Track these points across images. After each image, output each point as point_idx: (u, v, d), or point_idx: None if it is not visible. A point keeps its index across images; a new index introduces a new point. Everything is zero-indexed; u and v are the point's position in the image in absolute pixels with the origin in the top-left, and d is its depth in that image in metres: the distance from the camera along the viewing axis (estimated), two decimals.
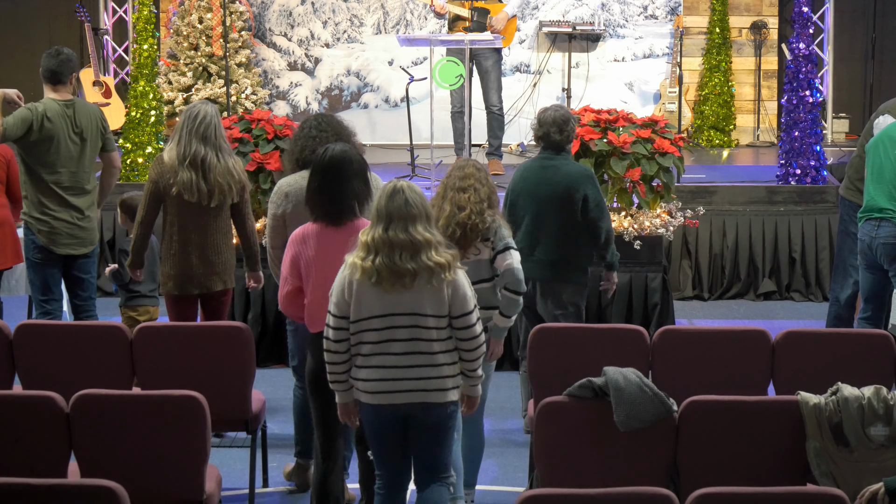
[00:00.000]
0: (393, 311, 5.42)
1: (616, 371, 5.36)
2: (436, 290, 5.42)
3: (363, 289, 5.41)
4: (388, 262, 5.37)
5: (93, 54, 12.65)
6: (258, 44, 13.37)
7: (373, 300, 5.42)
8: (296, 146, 6.53)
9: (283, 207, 6.43)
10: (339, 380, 5.51)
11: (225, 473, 6.06)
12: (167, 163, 7.02)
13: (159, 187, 7.03)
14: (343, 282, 5.46)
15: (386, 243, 5.38)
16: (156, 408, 5.38)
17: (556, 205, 7.36)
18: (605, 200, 7.49)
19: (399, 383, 5.44)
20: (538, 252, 7.40)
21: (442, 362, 5.45)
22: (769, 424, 5.28)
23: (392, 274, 5.38)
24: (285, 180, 6.51)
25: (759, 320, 9.75)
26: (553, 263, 7.39)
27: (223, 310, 7.32)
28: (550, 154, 7.43)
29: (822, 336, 6.47)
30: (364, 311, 5.43)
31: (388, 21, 13.42)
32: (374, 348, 5.44)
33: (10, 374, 6.35)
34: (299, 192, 6.25)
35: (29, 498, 4.48)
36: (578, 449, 5.35)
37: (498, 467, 7.20)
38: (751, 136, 13.28)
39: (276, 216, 6.45)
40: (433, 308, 5.42)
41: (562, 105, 7.65)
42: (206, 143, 6.99)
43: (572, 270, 7.44)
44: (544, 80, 13.29)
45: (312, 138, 6.44)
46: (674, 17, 13.15)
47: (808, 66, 10.42)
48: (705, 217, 9.93)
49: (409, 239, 5.39)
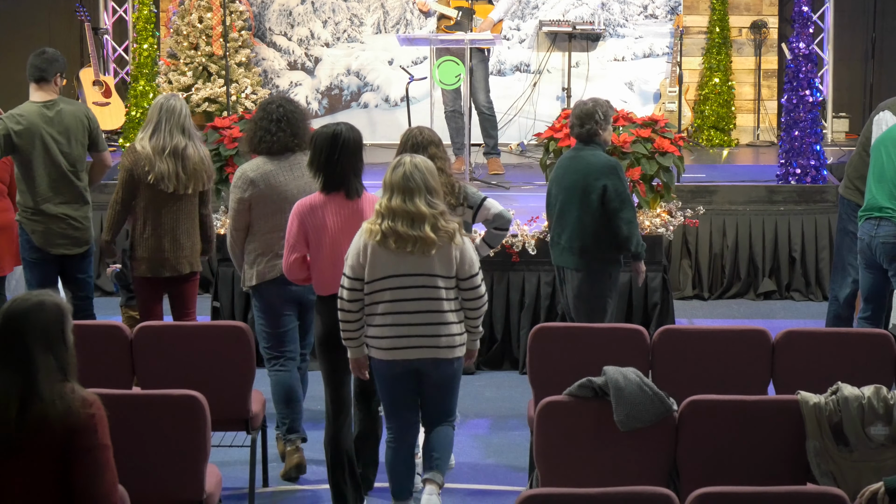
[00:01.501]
0: (406, 272, 5.91)
1: (616, 371, 5.37)
2: (445, 254, 5.92)
3: (377, 252, 5.90)
4: (392, 229, 5.87)
5: (93, 54, 12.65)
6: (258, 43, 13.37)
7: (387, 263, 5.90)
8: (254, 135, 6.94)
9: (249, 192, 6.85)
10: (353, 337, 5.99)
11: (225, 473, 6.06)
12: (141, 152, 7.29)
13: (133, 175, 7.32)
14: (359, 246, 5.94)
15: (391, 211, 5.88)
16: (156, 408, 5.38)
17: (577, 194, 7.48)
18: (628, 193, 7.49)
19: (412, 339, 5.94)
20: (563, 239, 7.58)
21: (451, 321, 5.97)
22: (769, 424, 5.28)
23: (398, 239, 5.87)
24: (249, 166, 6.92)
25: (759, 320, 9.75)
26: (574, 250, 7.51)
27: (192, 291, 7.58)
28: (580, 145, 7.61)
29: (822, 336, 6.47)
30: (378, 273, 5.91)
31: (388, 21, 13.42)
32: (388, 307, 5.92)
33: None
34: (265, 178, 6.84)
35: None
36: (578, 449, 5.35)
37: (498, 467, 7.20)
38: (751, 136, 13.28)
39: (243, 200, 6.87)
40: (443, 270, 5.93)
41: (596, 99, 7.66)
42: (184, 134, 7.31)
43: (591, 259, 7.50)
44: (544, 79, 13.29)
45: (270, 133, 6.89)
46: (674, 16, 13.15)
47: (808, 65, 10.42)
48: (705, 217, 9.93)
49: (407, 209, 5.87)
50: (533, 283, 9.04)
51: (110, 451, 4.16)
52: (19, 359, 4.09)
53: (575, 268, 7.53)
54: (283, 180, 6.90)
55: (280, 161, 6.92)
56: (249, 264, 6.95)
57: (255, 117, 6.99)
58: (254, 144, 6.96)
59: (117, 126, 12.53)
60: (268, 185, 6.85)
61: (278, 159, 6.92)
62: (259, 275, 6.91)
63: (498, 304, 9.02)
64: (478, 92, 11.43)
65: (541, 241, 8.90)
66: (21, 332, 4.11)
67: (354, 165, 6.29)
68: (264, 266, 6.90)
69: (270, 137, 6.89)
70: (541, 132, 9.86)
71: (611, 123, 7.63)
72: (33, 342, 4.11)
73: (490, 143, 11.63)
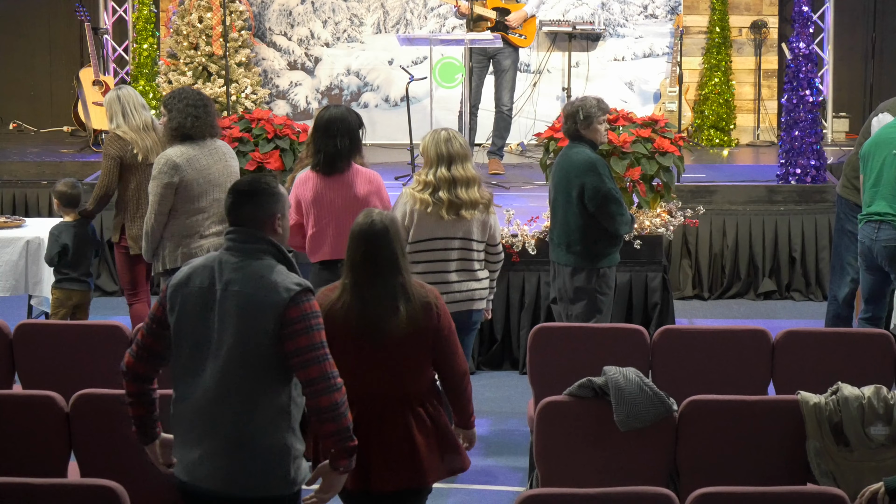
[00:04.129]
0: (450, 234, 6.71)
1: (616, 371, 5.37)
2: (481, 220, 6.78)
3: (423, 217, 6.66)
4: (443, 198, 6.65)
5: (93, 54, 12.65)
6: (258, 43, 13.37)
7: (432, 226, 6.68)
8: (185, 121, 7.29)
9: (177, 177, 7.21)
10: None
11: None
12: (125, 136, 7.96)
13: (124, 162, 7.96)
14: (404, 212, 6.67)
15: (441, 181, 6.63)
16: None
17: (563, 192, 7.54)
18: (610, 186, 7.40)
19: (452, 295, 6.66)
20: (555, 235, 7.67)
21: (481, 277, 6.84)
22: (769, 424, 5.28)
23: (450, 206, 6.66)
24: (172, 152, 7.26)
25: (759, 320, 9.75)
26: (563, 247, 7.56)
27: None
28: (571, 143, 7.65)
29: (822, 336, 6.47)
30: (424, 235, 6.68)
31: (388, 20, 13.42)
32: (429, 266, 6.67)
33: (10, 373, 6.35)
34: (190, 162, 7.22)
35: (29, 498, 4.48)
36: (578, 449, 5.34)
37: (498, 467, 7.20)
38: (751, 136, 13.27)
39: (171, 185, 7.21)
40: (479, 235, 6.79)
41: (585, 98, 7.66)
42: (146, 109, 8.13)
43: (578, 256, 7.49)
44: (544, 79, 13.28)
45: (198, 118, 7.29)
46: (674, 16, 13.15)
47: (808, 65, 10.42)
48: (705, 217, 9.93)
49: (456, 176, 6.66)
50: (533, 283, 9.04)
51: (455, 334, 5.07)
52: (396, 266, 4.96)
53: (564, 263, 7.56)
54: (205, 164, 7.28)
55: (202, 146, 7.30)
56: (173, 246, 7.26)
57: (177, 105, 7.33)
58: (185, 129, 7.29)
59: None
60: (193, 169, 7.23)
61: (200, 144, 7.30)
62: (184, 256, 7.18)
63: (498, 304, 9.01)
64: (503, 91, 11.45)
65: (541, 241, 8.90)
66: (392, 241, 4.98)
67: (348, 144, 6.80)
68: (189, 248, 7.24)
69: (199, 123, 7.29)
70: (541, 132, 9.85)
71: (597, 122, 7.48)
72: (399, 250, 5.00)
73: (498, 144, 11.64)
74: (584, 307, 7.48)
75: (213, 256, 4.57)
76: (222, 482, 4.46)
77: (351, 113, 6.91)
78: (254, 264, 4.49)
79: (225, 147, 7.46)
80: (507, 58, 11.37)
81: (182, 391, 4.54)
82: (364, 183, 6.88)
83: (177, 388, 4.57)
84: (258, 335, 4.42)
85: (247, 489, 4.46)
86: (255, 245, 4.52)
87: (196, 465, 4.50)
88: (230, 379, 4.44)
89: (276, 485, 4.47)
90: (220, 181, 7.25)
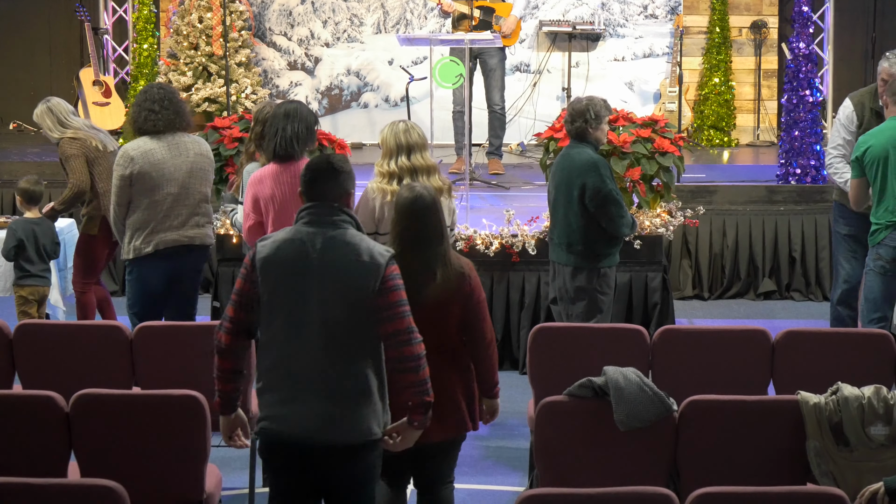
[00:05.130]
0: None
1: (616, 371, 5.36)
2: (446, 205, 6.62)
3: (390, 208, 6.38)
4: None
5: (93, 54, 12.66)
6: (258, 43, 13.38)
7: None
8: (139, 116, 7.44)
9: (130, 169, 7.31)
10: None
11: (225, 473, 6.06)
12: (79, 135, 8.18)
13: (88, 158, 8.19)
14: (372, 207, 6.76)
15: (401, 170, 6.70)
16: (156, 408, 5.38)
17: (564, 192, 7.55)
18: (611, 187, 7.43)
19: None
20: (555, 235, 7.67)
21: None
22: (769, 424, 5.28)
23: None
24: (130, 145, 7.38)
25: (759, 320, 9.75)
26: (563, 247, 7.57)
27: None
28: (572, 143, 7.64)
29: (822, 336, 6.47)
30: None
31: (388, 20, 13.42)
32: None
33: (10, 374, 6.35)
34: (145, 156, 7.32)
35: (29, 498, 4.48)
36: (578, 449, 5.34)
37: (498, 467, 7.21)
38: (751, 136, 13.28)
39: (124, 177, 7.32)
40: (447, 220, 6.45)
41: (592, 97, 7.66)
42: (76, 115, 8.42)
43: (579, 255, 7.51)
44: (544, 79, 13.29)
45: (154, 112, 7.39)
46: (674, 16, 13.15)
47: (808, 65, 10.42)
48: (705, 217, 9.93)
49: (415, 165, 6.72)
50: (533, 283, 9.03)
51: (485, 304, 5.48)
52: (439, 233, 5.37)
53: (564, 263, 7.57)
54: (161, 158, 7.36)
55: (161, 140, 7.39)
56: (128, 238, 7.42)
57: (138, 100, 7.46)
58: (139, 124, 7.42)
59: (117, 126, 12.53)
60: (147, 163, 7.32)
61: (161, 138, 7.39)
62: (135, 249, 7.38)
63: (498, 304, 9.02)
64: (494, 91, 11.45)
65: (541, 241, 8.90)
66: (436, 211, 5.36)
67: (290, 132, 6.87)
68: (140, 241, 7.38)
69: (155, 117, 7.38)
70: (541, 132, 9.85)
71: (604, 123, 7.55)
72: (442, 220, 5.40)
73: (495, 144, 11.64)
74: (584, 307, 7.49)
75: (294, 230, 4.90)
76: (321, 431, 4.79)
77: (309, 109, 7.05)
78: (341, 234, 4.85)
79: (192, 143, 7.47)
80: (493, 57, 11.36)
81: (278, 355, 4.83)
82: None
83: (270, 355, 4.86)
84: (360, 297, 4.80)
85: (342, 436, 4.79)
86: (337, 217, 4.88)
87: (300, 418, 4.80)
88: (332, 338, 4.80)
89: (367, 432, 4.83)
90: (175, 176, 7.35)
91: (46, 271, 8.23)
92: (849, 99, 8.12)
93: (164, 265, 7.40)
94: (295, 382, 4.81)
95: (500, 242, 8.95)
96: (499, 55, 11.43)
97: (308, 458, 4.83)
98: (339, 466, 4.83)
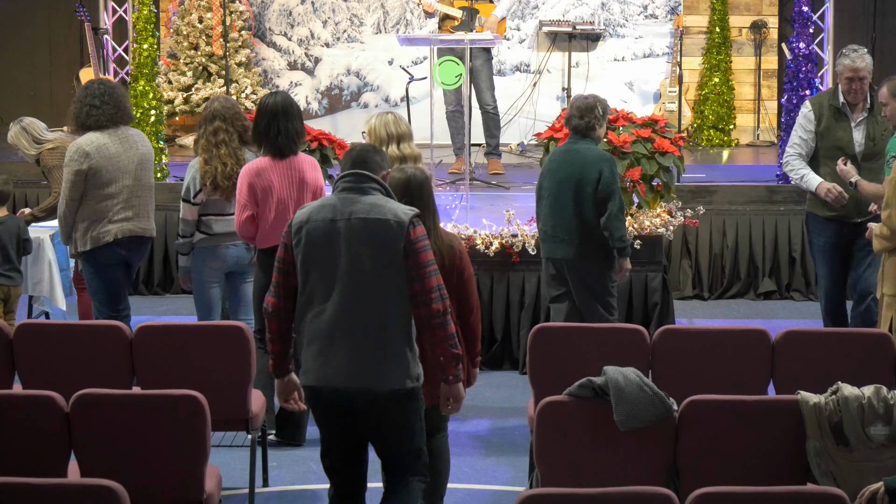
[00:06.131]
0: None
1: (616, 371, 5.36)
2: None
3: None
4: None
5: (93, 54, 12.65)
6: (258, 43, 13.38)
7: None
8: (81, 112, 7.58)
9: (86, 164, 7.46)
10: None
11: (225, 473, 6.06)
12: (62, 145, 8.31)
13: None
14: None
15: (399, 158, 6.86)
16: (156, 408, 5.38)
17: (572, 188, 7.60)
18: (618, 186, 7.58)
19: None
20: (559, 231, 7.69)
21: None
22: (769, 424, 5.28)
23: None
24: (83, 140, 7.51)
25: (759, 320, 9.75)
26: (574, 242, 7.64)
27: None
28: (575, 139, 7.71)
29: (822, 336, 6.47)
30: None
31: (388, 21, 13.42)
32: None
33: (10, 374, 6.35)
34: (99, 150, 7.46)
35: (29, 498, 4.48)
36: (578, 449, 5.34)
37: (498, 467, 7.20)
38: (751, 136, 13.28)
39: (80, 172, 7.47)
40: None
41: (596, 95, 7.84)
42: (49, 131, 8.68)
43: (592, 248, 7.62)
44: (544, 79, 13.29)
45: (95, 107, 7.53)
46: (674, 16, 13.15)
47: (808, 65, 10.42)
48: (705, 217, 9.93)
49: (403, 153, 6.91)
50: (533, 283, 9.03)
51: (473, 278, 5.86)
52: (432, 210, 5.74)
53: (576, 258, 7.63)
54: (115, 152, 7.54)
55: (110, 134, 7.55)
56: (84, 231, 7.55)
57: (79, 96, 7.63)
58: (81, 120, 7.57)
59: None
60: (102, 157, 7.49)
61: (108, 133, 7.55)
62: (93, 239, 7.55)
63: (498, 304, 9.02)
64: (483, 91, 11.44)
65: None
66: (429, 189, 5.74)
67: (295, 128, 7.15)
68: (98, 232, 7.55)
69: (97, 112, 7.53)
70: (541, 132, 9.86)
71: (607, 121, 7.77)
72: (433, 198, 5.77)
73: (492, 144, 11.63)
74: (605, 297, 7.65)
75: (327, 198, 5.32)
76: (358, 379, 5.17)
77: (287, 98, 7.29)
78: (370, 198, 5.25)
79: (138, 136, 7.70)
80: (477, 57, 11.33)
81: (314, 311, 5.23)
82: (311, 168, 7.29)
83: (308, 311, 5.26)
84: (390, 252, 5.18)
85: (379, 383, 5.18)
86: (368, 184, 5.28)
87: (334, 369, 5.20)
88: (361, 294, 5.19)
89: (401, 379, 5.21)
90: (129, 168, 7.56)
91: (12, 270, 8.10)
92: (808, 101, 8.21)
93: (119, 255, 7.62)
94: (330, 336, 5.19)
95: (500, 242, 8.95)
96: (483, 56, 11.40)
97: (346, 406, 5.22)
98: (375, 413, 5.22)
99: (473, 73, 11.33)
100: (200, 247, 7.63)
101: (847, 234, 7.98)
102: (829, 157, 7.93)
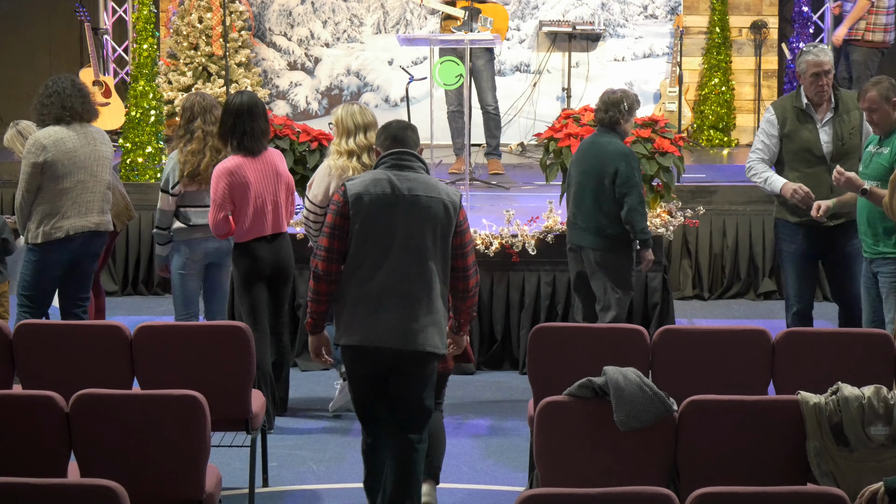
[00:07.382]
0: None
1: (616, 371, 5.36)
2: None
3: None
4: (365, 164, 7.25)
5: (93, 54, 12.65)
6: (258, 43, 13.38)
7: None
8: (42, 108, 7.65)
9: (43, 157, 7.53)
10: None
11: (225, 473, 6.06)
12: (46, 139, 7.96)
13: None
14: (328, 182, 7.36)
15: (360, 149, 7.30)
16: (156, 408, 5.38)
17: (593, 179, 7.81)
18: (638, 179, 7.78)
19: None
20: (580, 220, 7.90)
21: None
22: (769, 424, 5.28)
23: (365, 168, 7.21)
24: (41, 134, 7.60)
25: (759, 320, 9.74)
26: (591, 230, 7.84)
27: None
28: (602, 131, 7.92)
29: (822, 336, 6.46)
30: None
31: (387, 21, 13.42)
32: None
33: (10, 374, 6.35)
34: (56, 144, 7.54)
35: (29, 498, 4.48)
36: (578, 449, 5.34)
37: (498, 467, 7.20)
38: (751, 136, 13.26)
39: (37, 164, 7.55)
40: None
41: (626, 90, 8.03)
42: None
43: (611, 239, 7.80)
44: (544, 79, 13.29)
45: (45, 105, 7.62)
46: (674, 16, 13.15)
47: None
48: (705, 217, 9.93)
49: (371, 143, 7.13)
50: (533, 283, 9.03)
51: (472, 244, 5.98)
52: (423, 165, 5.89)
53: (593, 247, 7.83)
54: (73, 146, 7.61)
55: (70, 129, 7.62)
56: (36, 223, 7.60)
57: (41, 92, 7.68)
58: (42, 116, 7.65)
59: (117, 126, 12.53)
60: (59, 151, 7.56)
61: (71, 128, 7.63)
62: (45, 234, 7.60)
63: (498, 304, 9.02)
64: (485, 91, 11.44)
65: (541, 241, 8.91)
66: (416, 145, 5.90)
67: (260, 127, 7.42)
68: (50, 227, 7.61)
69: (46, 111, 7.62)
70: (541, 132, 9.86)
71: (633, 117, 7.93)
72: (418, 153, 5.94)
73: (493, 144, 11.63)
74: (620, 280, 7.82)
75: (377, 172, 5.76)
76: (404, 340, 5.68)
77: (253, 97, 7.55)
78: (421, 176, 5.77)
79: (98, 133, 7.77)
80: (480, 58, 11.33)
81: (365, 277, 5.69)
82: (280, 160, 7.64)
83: (358, 277, 5.71)
84: (440, 230, 5.71)
85: (416, 345, 5.69)
86: (416, 163, 5.79)
87: (381, 329, 5.67)
88: (413, 263, 5.69)
89: (435, 344, 5.75)
90: (86, 164, 7.64)
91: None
92: (770, 105, 7.98)
93: (70, 250, 7.68)
94: (378, 301, 5.67)
95: (500, 242, 8.95)
96: (485, 56, 11.40)
97: (386, 362, 5.71)
98: (409, 370, 5.74)
99: (475, 73, 11.33)
100: (181, 239, 7.72)
101: (820, 240, 7.74)
102: (796, 160, 7.72)
